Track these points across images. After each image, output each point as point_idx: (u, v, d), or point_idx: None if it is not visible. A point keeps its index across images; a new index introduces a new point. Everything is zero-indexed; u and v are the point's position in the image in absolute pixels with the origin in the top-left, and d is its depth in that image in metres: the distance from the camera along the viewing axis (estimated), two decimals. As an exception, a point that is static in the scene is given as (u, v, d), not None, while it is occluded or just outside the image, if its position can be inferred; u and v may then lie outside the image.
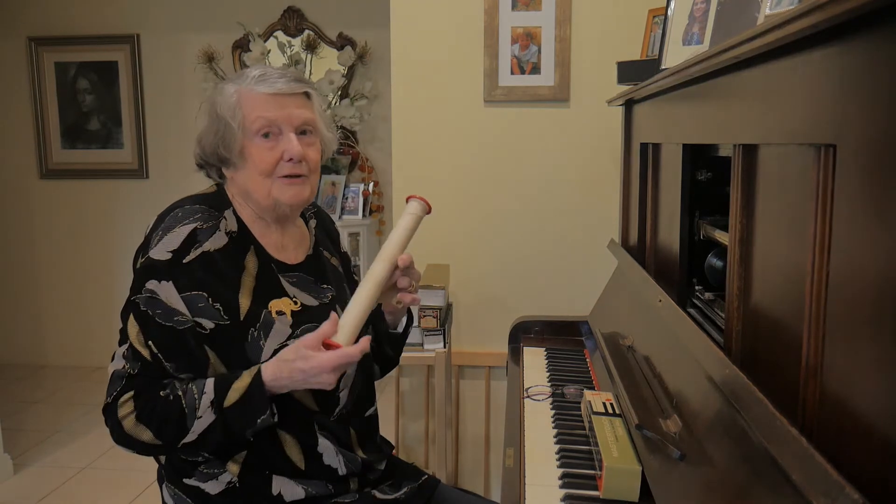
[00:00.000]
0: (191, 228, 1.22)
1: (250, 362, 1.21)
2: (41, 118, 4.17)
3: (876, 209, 0.62)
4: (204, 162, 1.34)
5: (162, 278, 1.18)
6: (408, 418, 2.50)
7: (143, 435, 1.16)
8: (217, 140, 1.27)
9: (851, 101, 0.65)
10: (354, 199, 3.71)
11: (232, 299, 1.22)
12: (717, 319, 1.20)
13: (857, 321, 0.66)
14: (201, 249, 1.21)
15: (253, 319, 1.22)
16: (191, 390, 1.16)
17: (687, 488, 0.95)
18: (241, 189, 1.29)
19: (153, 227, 1.25)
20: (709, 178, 1.34)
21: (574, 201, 2.32)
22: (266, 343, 1.22)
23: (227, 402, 1.15)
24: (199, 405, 1.15)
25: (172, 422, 1.15)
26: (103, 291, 4.27)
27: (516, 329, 2.04)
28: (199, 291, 1.20)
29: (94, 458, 3.09)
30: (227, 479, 1.23)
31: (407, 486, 1.36)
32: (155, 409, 1.16)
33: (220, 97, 1.28)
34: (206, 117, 1.31)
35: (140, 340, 1.18)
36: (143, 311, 1.18)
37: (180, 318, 1.18)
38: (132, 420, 1.16)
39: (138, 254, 1.24)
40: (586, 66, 2.26)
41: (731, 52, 0.89)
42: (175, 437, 1.16)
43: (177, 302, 1.18)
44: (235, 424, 1.16)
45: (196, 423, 1.15)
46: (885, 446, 0.60)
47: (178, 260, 1.19)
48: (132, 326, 1.19)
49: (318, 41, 3.83)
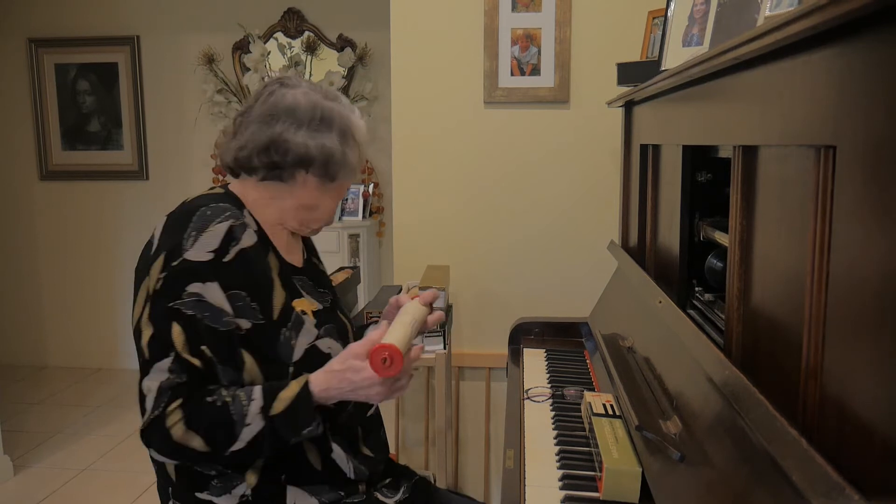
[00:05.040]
0: (227, 226, 1.18)
1: (283, 363, 1.20)
2: (41, 120, 4.18)
3: (876, 210, 0.62)
4: (251, 156, 1.25)
5: (206, 279, 1.14)
6: (408, 420, 2.50)
7: (193, 442, 1.10)
8: (318, 153, 1.24)
9: (851, 103, 0.65)
10: (354, 200, 3.71)
11: (267, 298, 1.21)
12: (717, 321, 1.20)
13: (857, 322, 0.66)
14: (238, 247, 1.18)
15: (285, 318, 1.22)
16: (238, 397, 1.12)
17: (687, 489, 0.95)
18: (262, 198, 1.28)
19: (177, 228, 1.18)
20: (709, 179, 1.34)
21: (574, 202, 2.32)
22: (297, 342, 1.22)
23: (273, 411, 1.12)
24: (247, 412, 1.11)
25: (221, 428, 1.11)
26: (103, 293, 4.27)
27: (516, 330, 2.04)
28: (239, 291, 1.17)
29: (94, 460, 3.09)
30: (240, 493, 1.20)
31: (405, 485, 1.38)
32: (203, 415, 1.11)
33: (354, 117, 1.29)
34: (323, 126, 1.25)
35: (189, 348, 1.12)
36: (189, 316, 1.12)
37: (228, 319, 1.15)
38: (182, 428, 1.10)
39: (167, 258, 1.15)
40: (586, 67, 2.26)
41: (730, 53, 0.89)
42: (224, 445, 1.12)
43: (223, 302, 1.15)
44: (281, 433, 1.13)
45: (245, 430, 1.11)
46: (885, 447, 0.60)
47: (219, 259, 1.16)
48: (178, 335, 1.12)
49: (318, 43, 3.84)
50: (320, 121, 1.25)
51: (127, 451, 3.17)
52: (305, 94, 1.26)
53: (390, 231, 3.46)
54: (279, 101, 1.25)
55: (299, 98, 1.25)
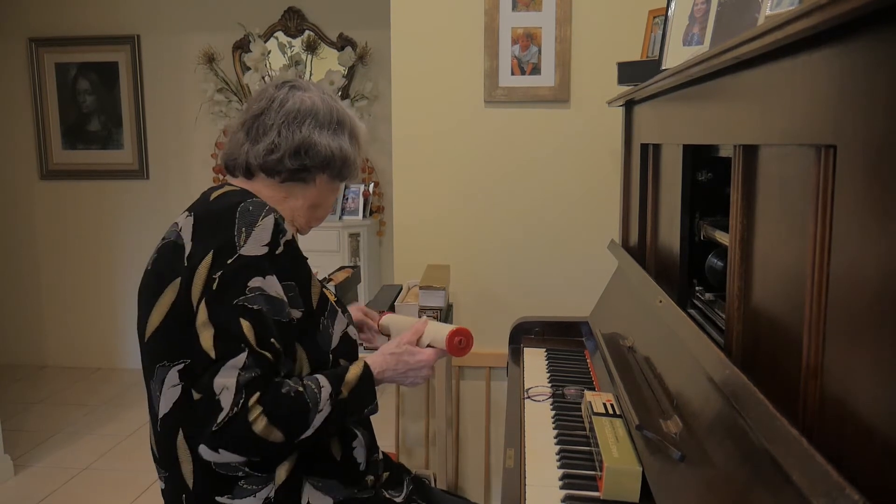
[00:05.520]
0: (273, 219, 1.19)
1: (324, 351, 1.24)
2: (41, 119, 4.18)
3: (876, 210, 0.62)
4: (283, 158, 1.27)
5: (265, 273, 1.15)
6: (408, 419, 2.50)
7: (272, 435, 1.10)
8: (339, 155, 1.31)
9: (851, 102, 0.65)
10: (355, 199, 3.72)
11: (309, 288, 1.24)
12: (718, 320, 1.20)
13: (858, 321, 0.66)
14: (285, 238, 1.20)
15: (322, 307, 1.26)
16: (309, 385, 1.15)
17: (687, 489, 0.95)
18: (276, 197, 1.30)
19: (219, 226, 1.17)
20: (709, 178, 1.34)
21: (574, 202, 2.32)
22: (333, 330, 1.27)
23: (342, 395, 1.18)
24: (320, 398, 1.15)
25: (299, 417, 1.13)
26: (104, 292, 4.27)
27: (517, 329, 2.04)
28: (290, 281, 1.20)
29: (94, 459, 3.09)
30: (265, 496, 1.20)
31: (406, 479, 1.41)
32: (283, 407, 1.11)
33: (357, 119, 1.37)
34: (339, 128, 1.33)
35: (259, 342, 1.11)
36: (256, 311, 1.12)
37: (287, 311, 1.18)
38: (263, 421, 1.09)
39: (217, 256, 1.14)
40: (587, 66, 2.26)
41: (731, 52, 0.89)
42: (299, 433, 1.14)
43: (282, 294, 1.17)
44: (346, 415, 1.20)
45: (317, 416, 1.14)
46: (885, 446, 0.60)
47: (273, 252, 1.17)
48: (248, 331, 1.11)
49: (319, 42, 3.84)
50: (338, 123, 1.31)
51: (127, 451, 3.17)
52: (320, 97, 1.31)
53: (390, 230, 3.46)
54: (298, 104, 1.28)
55: (316, 101, 1.30)
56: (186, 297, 1.14)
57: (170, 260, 1.19)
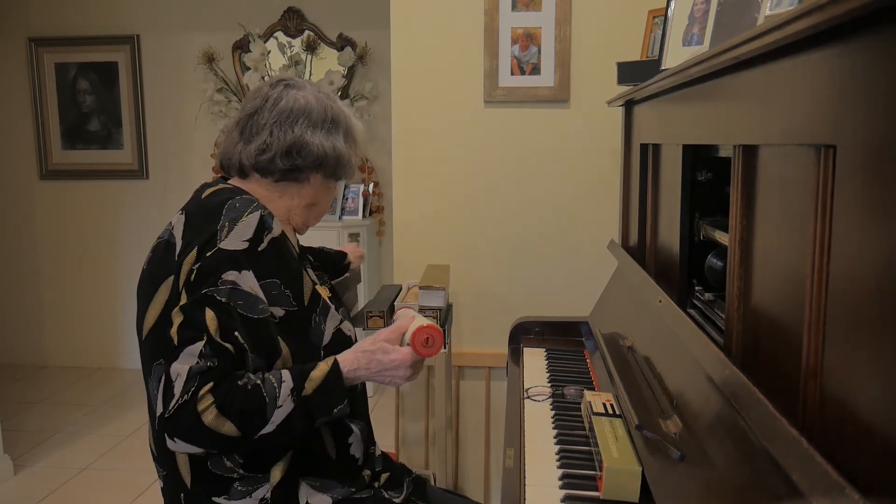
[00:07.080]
0: (258, 216, 1.19)
1: (314, 348, 1.23)
2: (41, 119, 4.18)
3: (876, 210, 0.62)
4: (275, 158, 1.26)
5: (241, 268, 1.15)
6: (408, 419, 2.50)
7: (223, 427, 1.09)
8: (332, 154, 1.30)
9: (851, 102, 0.65)
10: (354, 199, 3.71)
11: (298, 285, 1.23)
12: (717, 320, 1.20)
13: (858, 321, 0.66)
14: (270, 236, 1.20)
15: (314, 304, 1.25)
16: (269, 380, 1.13)
17: (687, 489, 0.95)
18: (270, 195, 1.30)
19: (206, 221, 1.18)
20: (709, 178, 1.34)
21: (574, 202, 2.32)
22: (325, 326, 1.26)
23: (304, 392, 1.14)
24: (279, 394, 1.12)
25: (253, 411, 1.11)
26: (103, 292, 4.27)
27: (516, 329, 2.04)
28: (273, 279, 1.19)
29: (94, 459, 3.09)
30: (261, 496, 1.20)
31: (406, 480, 1.40)
32: (236, 399, 1.10)
33: (353, 117, 1.36)
34: (334, 127, 1.32)
35: (222, 333, 1.11)
36: (223, 303, 1.12)
37: (263, 307, 1.16)
38: (213, 412, 1.08)
39: (200, 250, 1.15)
40: (586, 66, 2.26)
41: (731, 52, 0.89)
42: (256, 428, 1.11)
43: (258, 291, 1.16)
44: (313, 414, 1.15)
45: (276, 412, 1.11)
46: (885, 446, 0.60)
47: (254, 248, 1.17)
48: (211, 321, 1.11)
49: (319, 42, 3.84)
50: (332, 122, 1.30)
51: (127, 451, 3.17)
52: (315, 96, 1.30)
53: (390, 230, 3.46)
54: (292, 103, 1.27)
55: (310, 99, 1.29)
56: (177, 294, 1.15)
57: (163, 258, 1.19)
